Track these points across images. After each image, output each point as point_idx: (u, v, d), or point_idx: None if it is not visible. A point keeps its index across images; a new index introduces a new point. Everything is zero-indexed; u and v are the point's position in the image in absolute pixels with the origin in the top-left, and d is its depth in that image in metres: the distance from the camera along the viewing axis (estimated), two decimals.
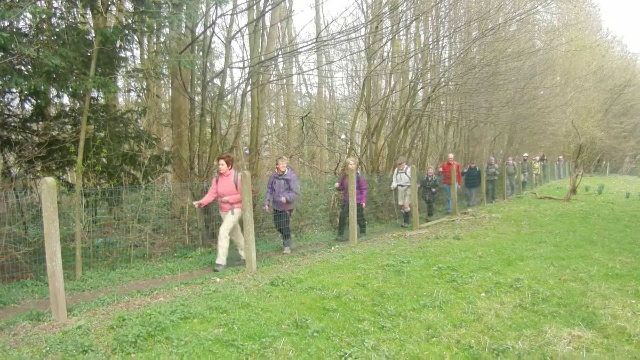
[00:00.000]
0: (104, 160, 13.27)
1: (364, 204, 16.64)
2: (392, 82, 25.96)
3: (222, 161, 12.49)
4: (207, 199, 12.77)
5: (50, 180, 7.89)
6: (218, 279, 10.59)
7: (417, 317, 7.90)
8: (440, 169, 24.47)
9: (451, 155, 24.33)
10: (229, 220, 12.50)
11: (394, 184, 20.35)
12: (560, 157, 52.85)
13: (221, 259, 12.21)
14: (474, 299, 8.81)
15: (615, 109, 61.48)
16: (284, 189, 14.29)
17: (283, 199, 14.12)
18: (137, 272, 11.88)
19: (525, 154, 37.03)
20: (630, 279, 9.95)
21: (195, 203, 12.70)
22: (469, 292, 9.32)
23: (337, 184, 17.45)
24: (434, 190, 21.69)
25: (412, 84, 24.13)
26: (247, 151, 22.31)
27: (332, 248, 14.33)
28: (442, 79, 24.05)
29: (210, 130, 16.79)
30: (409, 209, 19.99)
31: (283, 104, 35.88)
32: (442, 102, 28.16)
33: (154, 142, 15.40)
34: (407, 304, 8.58)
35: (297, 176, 15.47)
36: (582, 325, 7.42)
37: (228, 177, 12.49)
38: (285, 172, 14.42)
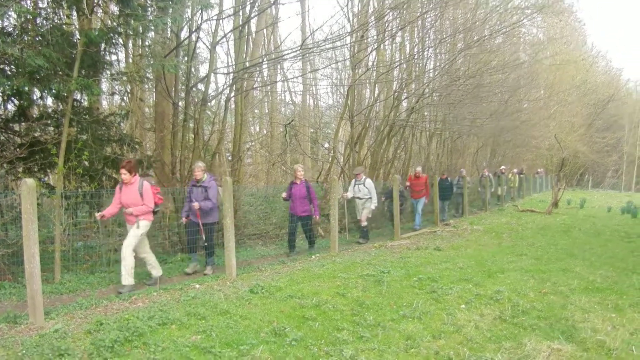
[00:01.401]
0: (86, 163, 13.18)
1: (317, 216, 15.96)
2: (377, 92, 25.98)
3: (123, 170, 10.92)
4: (110, 209, 11.13)
5: (30, 181, 7.84)
6: (197, 285, 10.56)
7: (397, 328, 7.90)
8: (407, 183, 22.41)
9: (419, 169, 22.62)
10: (132, 234, 10.99)
11: (350, 194, 18.47)
12: (540, 169, 52.76)
13: (127, 279, 10.72)
14: (454, 311, 8.82)
15: (599, 124, 61.93)
16: (202, 199, 12.62)
17: (196, 205, 12.38)
18: (117, 276, 11.71)
19: (503, 167, 36.46)
20: (610, 293, 10.01)
21: (97, 215, 11.00)
22: (449, 303, 9.33)
23: (284, 195, 15.72)
24: (400, 201, 19.87)
25: (396, 93, 24.13)
26: (229, 158, 22.25)
27: (313, 257, 14.29)
28: (427, 90, 24.12)
29: (193, 136, 16.73)
30: (365, 223, 18.43)
31: (267, 111, 35.88)
32: (425, 113, 28.16)
33: (136, 146, 15.35)
34: (387, 314, 8.58)
35: (218, 184, 13.38)
36: (562, 338, 7.44)
37: (132, 185, 11.04)
38: (204, 179, 12.79)
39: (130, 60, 18.91)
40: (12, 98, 12.78)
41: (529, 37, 35.64)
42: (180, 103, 16.14)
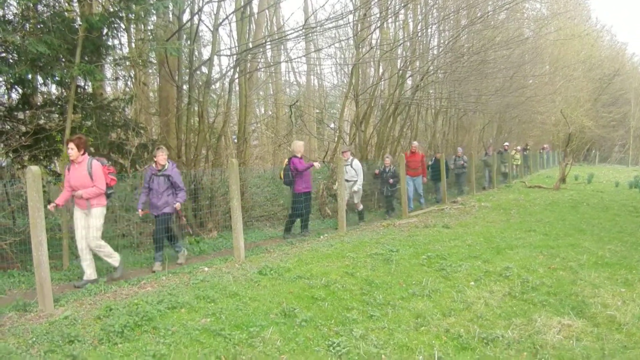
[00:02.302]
0: (91, 149, 13.13)
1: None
2: (381, 70, 25.85)
3: (71, 144, 9.84)
4: (63, 195, 10.08)
5: (35, 169, 7.83)
6: (206, 268, 10.57)
7: (406, 306, 7.90)
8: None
9: (415, 143, 22.26)
10: (93, 225, 10.07)
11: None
12: (545, 145, 52.38)
13: (114, 261, 10.48)
14: (463, 288, 8.82)
15: (604, 99, 61.65)
16: (164, 188, 11.62)
17: (177, 206, 11.64)
18: (125, 261, 11.71)
19: (506, 143, 35.88)
20: (619, 268, 9.99)
21: (50, 206, 9.87)
22: (458, 280, 9.33)
23: (290, 166, 14.73)
24: (391, 181, 18.88)
25: (400, 72, 24.01)
26: (235, 140, 22.23)
27: (321, 237, 14.26)
28: (431, 67, 24.01)
29: (197, 119, 16.69)
30: (361, 207, 17.69)
31: (271, 92, 35.76)
32: (430, 91, 28.03)
33: (141, 130, 15.31)
34: (396, 293, 8.58)
35: (180, 171, 12.58)
36: (572, 314, 7.44)
37: (80, 164, 9.94)
38: (166, 167, 11.68)
39: (133, 44, 18.89)
40: (16, 86, 12.77)
41: (532, 12, 35.38)
42: (184, 86, 16.13)
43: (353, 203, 17.50)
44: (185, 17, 15.96)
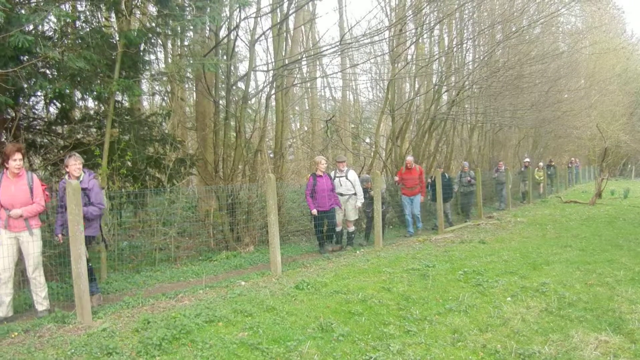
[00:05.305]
0: (129, 163, 13.29)
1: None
2: (417, 86, 25.85)
3: (18, 155, 8.52)
4: None
5: (74, 182, 7.93)
6: (243, 282, 10.59)
7: (443, 322, 7.87)
8: (397, 178, 19.07)
9: (410, 158, 18.93)
10: (36, 249, 8.82)
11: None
12: (573, 159, 51.18)
13: (44, 304, 8.92)
14: (500, 304, 8.77)
15: None
16: (82, 204, 8.48)
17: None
18: (162, 275, 11.86)
19: (527, 159, 33.15)
20: None
21: None
22: (495, 296, 9.28)
23: (307, 191, 14.44)
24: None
25: (436, 87, 24.04)
26: (271, 155, 22.30)
27: (357, 252, 14.23)
28: (466, 82, 23.95)
29: (234, 134, 16.76)
30: (353, 228, 15.74)
31: (307, 108, 35.90)
32: (466, 106, 28.01)
33: (178, 145, 15.43)
34: (433, 308, 8.56)
35: (99, 184, 10.17)
36: (609, 330, 7.37)
37: (20, 178, 8.69)
38: (82, 178, 9.43)
39: (170, 60, 19.05)
40: (55, 101, 12.94)
41: (567, 26, 35.35)
42: (221, 101, 16.19)
43: (345, 221, 15.55)
44: (222, 33, 16.07)
